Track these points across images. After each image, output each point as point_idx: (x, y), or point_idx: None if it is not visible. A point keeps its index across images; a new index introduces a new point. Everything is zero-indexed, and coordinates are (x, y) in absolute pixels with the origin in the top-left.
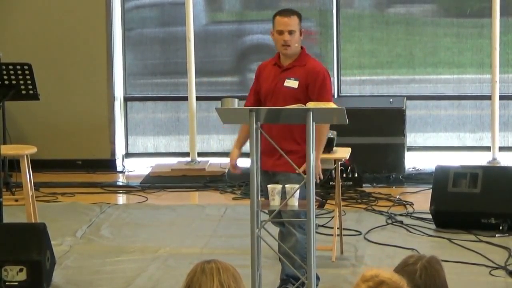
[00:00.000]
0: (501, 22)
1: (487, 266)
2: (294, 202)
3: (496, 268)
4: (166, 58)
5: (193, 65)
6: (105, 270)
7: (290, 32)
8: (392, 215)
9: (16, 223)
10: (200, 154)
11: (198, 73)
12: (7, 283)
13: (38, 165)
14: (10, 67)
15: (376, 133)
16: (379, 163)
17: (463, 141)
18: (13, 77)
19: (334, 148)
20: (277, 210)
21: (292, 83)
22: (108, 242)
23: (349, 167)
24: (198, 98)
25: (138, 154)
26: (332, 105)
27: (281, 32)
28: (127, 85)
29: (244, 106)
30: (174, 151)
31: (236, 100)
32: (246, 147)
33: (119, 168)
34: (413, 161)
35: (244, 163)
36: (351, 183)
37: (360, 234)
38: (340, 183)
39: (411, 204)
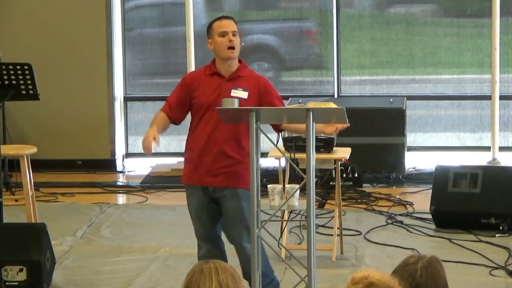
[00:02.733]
0: (501, 22)
1: (487, 266)
2: (295, 202)
3: (496, 268)
4: (166, 58)
5: (193, 65)
6: (105, 270)
7: (233, 34)
8: (392, 215)
9: (16, 223)
10: None
11: None
12: (7, 283)
13: (38, 165)
14: (10, 67)
15: (376, 133)
16: (379, 163)
17: (463, 141)
18: (13, 77)
19: (334, 148)
20: (278, 209)
21: (241, 94)
22: (108, 242)
23: (349, 167)
24: None
25: (138, 154)
26: (332, 105)
27: (224, 34)
28: (127, 85)
29: (161, 110)
30: (174, 151)
31: (236, 100)
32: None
33: (119, 168)
34: (413, 161)
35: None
36: (351, 183)
37: (360, 234)
38: (340, 183)
39: (411, 204)
